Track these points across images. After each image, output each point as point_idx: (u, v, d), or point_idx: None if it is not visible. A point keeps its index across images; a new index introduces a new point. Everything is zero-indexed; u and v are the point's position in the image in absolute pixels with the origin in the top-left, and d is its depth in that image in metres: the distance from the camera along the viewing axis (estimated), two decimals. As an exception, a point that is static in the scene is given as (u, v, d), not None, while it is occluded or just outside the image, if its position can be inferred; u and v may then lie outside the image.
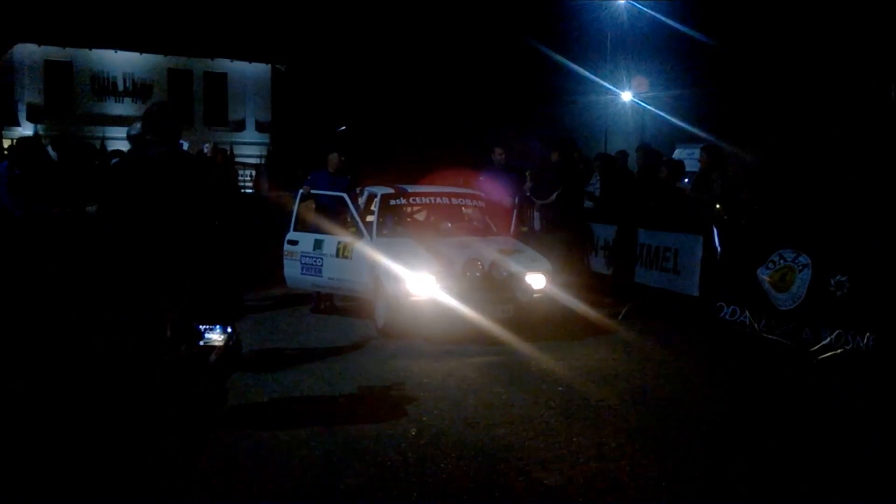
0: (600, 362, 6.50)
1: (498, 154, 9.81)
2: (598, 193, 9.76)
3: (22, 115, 28.95)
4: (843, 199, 7.29)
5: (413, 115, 29.36)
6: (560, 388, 5.70)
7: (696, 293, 7.73)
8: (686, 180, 11.25)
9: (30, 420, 4.49)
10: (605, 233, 9.37)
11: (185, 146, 6.47)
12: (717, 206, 8.34)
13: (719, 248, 7.52)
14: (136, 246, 4.24)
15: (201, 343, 4.67)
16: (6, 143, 19.68)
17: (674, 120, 22.84)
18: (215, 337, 4.73)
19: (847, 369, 5.99)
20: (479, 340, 6.90)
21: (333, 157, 8.81)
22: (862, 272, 6.21)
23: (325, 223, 8.23)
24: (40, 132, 22.13)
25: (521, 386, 5.77)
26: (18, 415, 4.59)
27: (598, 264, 9.41)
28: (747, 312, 7.11)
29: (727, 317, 7.31)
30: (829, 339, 6.25)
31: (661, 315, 8.00)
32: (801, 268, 6.66)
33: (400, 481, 4.01)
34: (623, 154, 10.73)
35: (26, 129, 26.55)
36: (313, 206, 8.70)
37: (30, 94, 29.33)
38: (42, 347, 5.27)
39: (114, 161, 7.81)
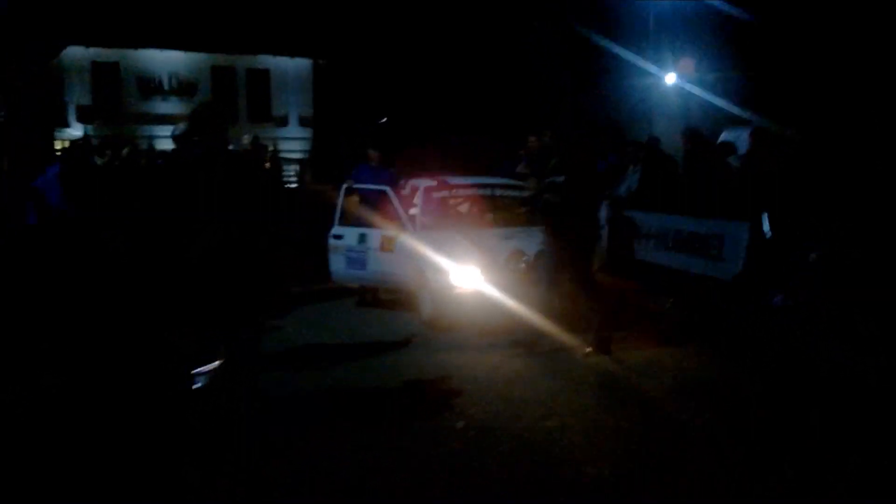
0: (647, 353, 6.43)
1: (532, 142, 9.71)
2: (636, 184, 9.63)
3: (71, 117, 29.63)
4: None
5: (453, 104, 29.29)
6: (607, 382, 5.66)
7: (742, 280, 7.58)
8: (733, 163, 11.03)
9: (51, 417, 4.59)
10: (647, 219, 9.24)
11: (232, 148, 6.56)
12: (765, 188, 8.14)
13: (769, 235, 7.37)
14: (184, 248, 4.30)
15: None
16: (58, 145, 20.14)
17: (719, 102, 22.35)
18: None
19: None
20: (524, 333, 6.87)
21: (373, 153, 8.88)
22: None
23: (370, 217, 8.29)
24: (90, 133, 22.63)
25: (568, 379, 5.74)
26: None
27: (641, 252, 9.29)
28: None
29: (778, 304, 7.16)
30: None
31: (707, 304, 7.87)
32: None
33: (447, 474, 4.03)
34: (654, 139, 10.55)
35: (76, 130, 27.17)
36: (357, 200, 8.77)
37: (78, 95, 30.00)
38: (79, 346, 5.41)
39: (159, 162, 7.98)
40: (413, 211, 8.28)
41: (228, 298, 4.41)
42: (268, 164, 11.93)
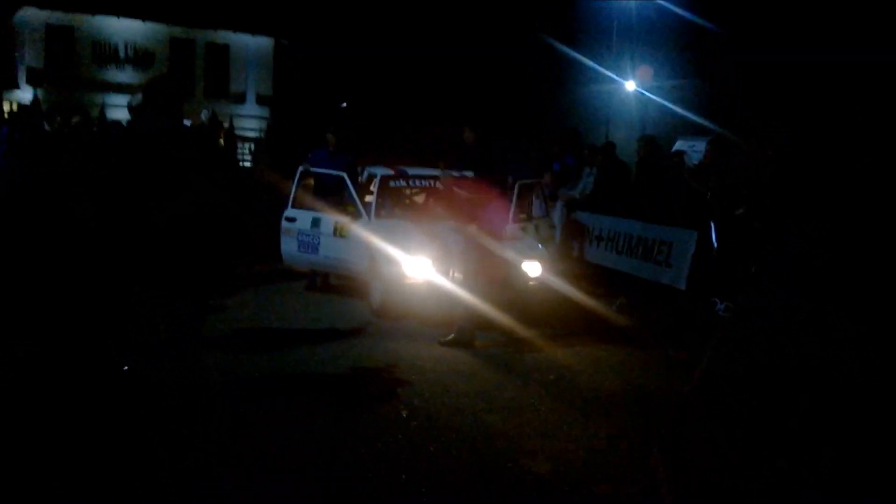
0: (593, 352, 6.52)
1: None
2: (591, 186, 9.77)
3: (22, 79, 28.73)
4: (843, 194, 7.28)
5: (414, 96, 29.23)
6: (552, 377, 5.73)
7: (684, 287, 7.76)
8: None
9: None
10: (599, 222, 9.39)
11: (188, 124, 6.44)
12: (710, 196, 8.32)
13: (716, 244, 7.55)
14: (128, 223, 4.22)
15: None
16: (6, 107, 19.53)
17: (678, 110, 22.68)
18: None
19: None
20: (473, 326, 6.90)
21: (331, 138, 8.80)
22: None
23: (323, 202, 8.22)
24: (39, 97, 21.93)
25: (513, 373, 5.80)
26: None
27: (593, 255, 9.44)
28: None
29: (721, 312, 7.35)
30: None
31: (653, 308, 8.02)
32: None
33: (390, 463, 4.04)
34: (610, 144, 10.70)
35: (26, 93, 26.35)
36: (312, 183, 8.68)
37: (30, 57, 29.07)
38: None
39: (114, 132, 7.80)
40: (368, 199, 8.24)
41: (173, 274, 4.35)
42: (221, 141, 11.72)
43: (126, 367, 4.41)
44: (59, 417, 4.09)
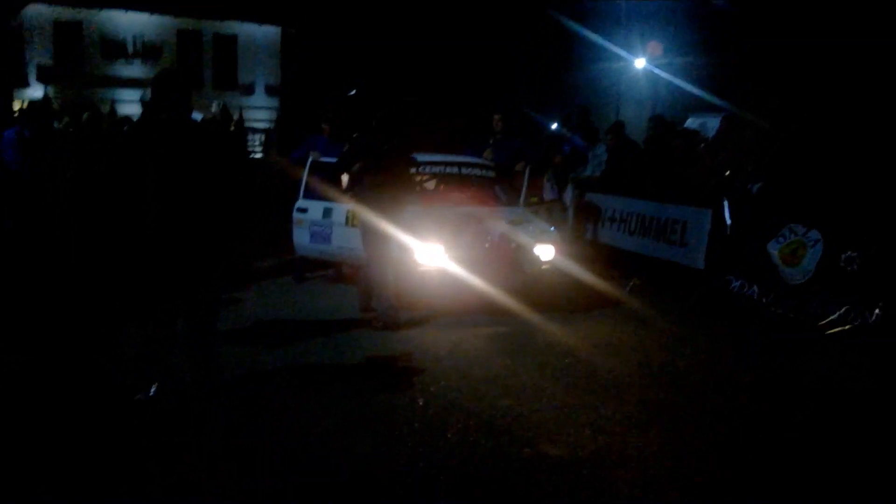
0: (607, 334, 6.52)
1: (496, 121, 9.63)
2: (603, 167, 9.71)
3: (32, 76, 28.85)
4: (856, 172, 7.23)
5: (423, 81, 29.11)
6: (567, 360, 5.73)
7: (702, 266, 7.72)
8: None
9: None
10: (612, 203, 9.34)
11: (199, 118, 6.46)
12: (727, 173, 8.26)
13: (729, 221, 7.49)
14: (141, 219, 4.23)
15: None
16: (16, 106, 19.63)
17: (689, 87, 22.44)
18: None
19: (854, 344, 6.00)
20: (486, 311, 6.92)
21: (326, 127, 8.87)
22: (873, 248, 6.18)
23: (336, 191, 8.20)
24: (49, 94, 22.04)
25: (528, 357, 5.80)
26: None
27: (606, 236, 9.40)
28: (755, 287, 7.11)
29: (735, 290, 7.31)
30: (837, 315, 6.26)
31: (668, 288, 7.99)
32: (812, 243, 6.64)
33: (407, 451, 4.05)
34: (619, 124, 10.63)
35: (36, 91, 26.46)
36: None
37: (39, 55, 29.17)
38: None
39: (125, 128, 7.82)
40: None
41: (189, 269, 4.37)
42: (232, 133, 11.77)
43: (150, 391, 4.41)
44: (53, 428, 4.09)
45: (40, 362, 4.84)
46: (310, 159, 8.46)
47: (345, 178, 7.19)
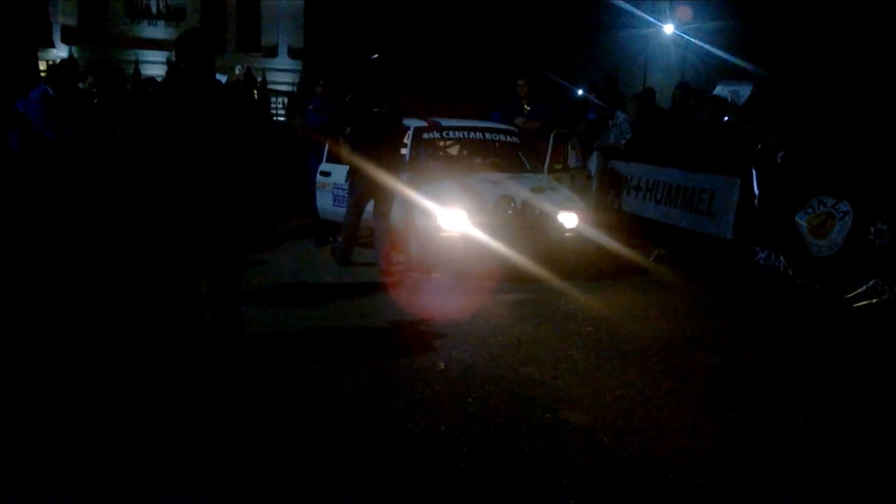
0: (630, 303, 6.48)
1: (521, 86, 9.52)
2: (628, 134, 9.57)
3: (56, 37, 28.90)
4: (887, 144, 7.08)
5: (446, 46, 28.82)
6: (589, 328, 5.71)
7: (729, 236, 7.63)
8: (726, 118, 10.99)
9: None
10: (637, 172, 9.21)
11: (223, 80, 6.43)
12: (759, 145, 8.12)
13: (757, 192, 7.38)
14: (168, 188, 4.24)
15: None
16: (42, 66, 19.68)
17: (719, 53, 21.98)
18: None
19: (880, 318, 5.92)
20: (509, 278, 6.90)
21: (319, 89, 8.88)
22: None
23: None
24: (75, 54, 22.08)
25: (550, 324, 5.79)
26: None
27: (630, 205, 9.29)
28: (782, 258, 7.02)
29: (761, 261, 7.22)
30: (864, 288, 6.17)
31: (693, 258, 7.91)
32: (841, 215, 6.52)
33: (428, 415, 4.06)
34: (649, 90, 10.47)
35: (61, 52, 26.53)
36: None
37: (64, 15, 29.21)
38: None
39: (150, 89, 7.81)
40: (402, 151, 8.18)
41: (213, 232, 4.38)
42: (255, 96, 11.73)
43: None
44: (56, 414, 3.98)
45: (40, 350, 4.81)
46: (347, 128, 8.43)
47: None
